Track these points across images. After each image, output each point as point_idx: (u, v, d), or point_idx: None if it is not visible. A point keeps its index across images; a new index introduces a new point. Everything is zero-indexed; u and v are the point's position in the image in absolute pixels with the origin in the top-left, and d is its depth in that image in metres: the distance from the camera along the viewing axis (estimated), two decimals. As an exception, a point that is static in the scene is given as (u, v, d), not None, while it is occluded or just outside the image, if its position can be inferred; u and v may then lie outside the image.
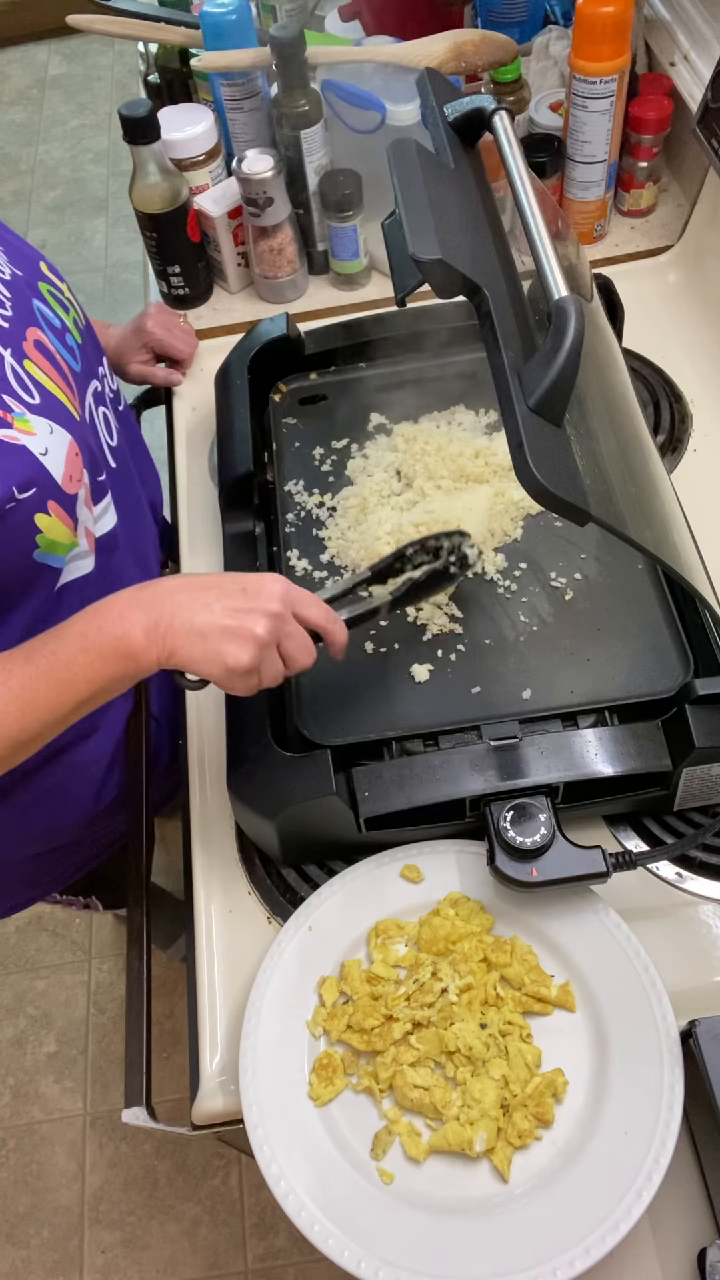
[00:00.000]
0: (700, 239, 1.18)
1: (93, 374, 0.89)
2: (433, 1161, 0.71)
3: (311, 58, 1.15)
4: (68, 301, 0.86)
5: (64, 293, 0.87)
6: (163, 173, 1.16)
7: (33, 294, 0.81)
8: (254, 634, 0.68)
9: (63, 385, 0.78)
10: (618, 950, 0.75)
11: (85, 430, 0.82)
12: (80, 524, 0.79)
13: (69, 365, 0.82)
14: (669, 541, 0.73)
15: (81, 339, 0.88)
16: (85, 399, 0.86)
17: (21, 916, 1.90)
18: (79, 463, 0.77)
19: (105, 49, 3.68)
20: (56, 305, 0.84)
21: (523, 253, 0.72)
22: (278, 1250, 1.55)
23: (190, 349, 1.21)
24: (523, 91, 1.24)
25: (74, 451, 0.76)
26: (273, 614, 0.69)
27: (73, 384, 0.81)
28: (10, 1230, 1.61)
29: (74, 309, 0.88)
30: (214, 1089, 0.77)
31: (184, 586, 0.70)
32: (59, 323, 0.83)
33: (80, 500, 0.78)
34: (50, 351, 0.79)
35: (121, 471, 0.94)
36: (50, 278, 0.86)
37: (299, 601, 0.72)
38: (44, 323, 0.80)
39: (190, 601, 0.68)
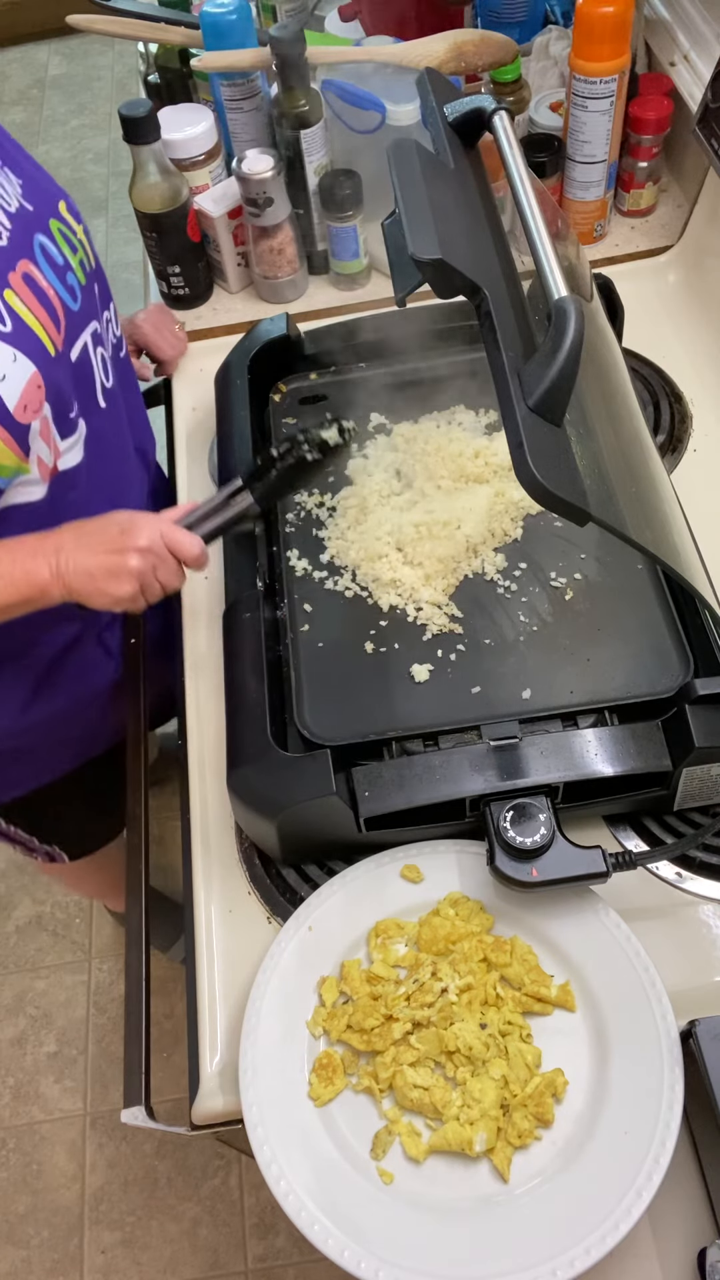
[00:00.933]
0: (700, 239, 1.18)
1: (94, 315, 0.92)
2: (433, 1161, 0.71)
3: (311, 58, 1.15)
4: (78, 243, 0.89)
5: (76, 234, 0.89)
6: (163, 173, 1.16)
7: (39, 229, 0.84)
8: (129, 568, 0.81)
9: (45, 320, 0.82)
10: (618, 950, 0.75)
11: (61, 365, 0.85)
12: (33, 453, 0.83)
13: (63, 302, 0.85)
14: (669, 541, 0.73)
15: (86, 280, 0.90)
16: (79, 338, 0.89)
17: (22, 916, 1.90)
18: (39, 395, 0.81)
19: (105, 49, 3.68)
20: (64, 244, 0.87)
21: (523, 253, 0.72)
22: (278, 1250, 1.55)
23: (176, 353, 1.21)
24: (523, 91, 1.24)
25: (35, 384, 0.80)
26: (143, 550, 0.82)
27: (61, 320, 0.85)
28: (10, 1230, 1.61)
29: (83, 250, 0.90)
30: (214, 1089, 0.77)
31: (76, 532, 0.83)
32: (62, 260, 0.86)
33: (34, 431, 0.82)
34: (40, 286, 0.82)
35: (111, 413, 0.96)
36: (66, 218, 0.88)
37: (167, 535, 0.84)
38: (43, 258, 0.84)
39: (79, 545, 0.82)
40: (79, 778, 1.17)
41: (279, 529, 0.98)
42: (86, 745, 1.16)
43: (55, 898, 1.92)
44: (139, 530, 0.82)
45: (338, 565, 0.95)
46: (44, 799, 1.17)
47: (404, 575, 0.92)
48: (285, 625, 0.91)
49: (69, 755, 1.15)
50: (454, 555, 0.92)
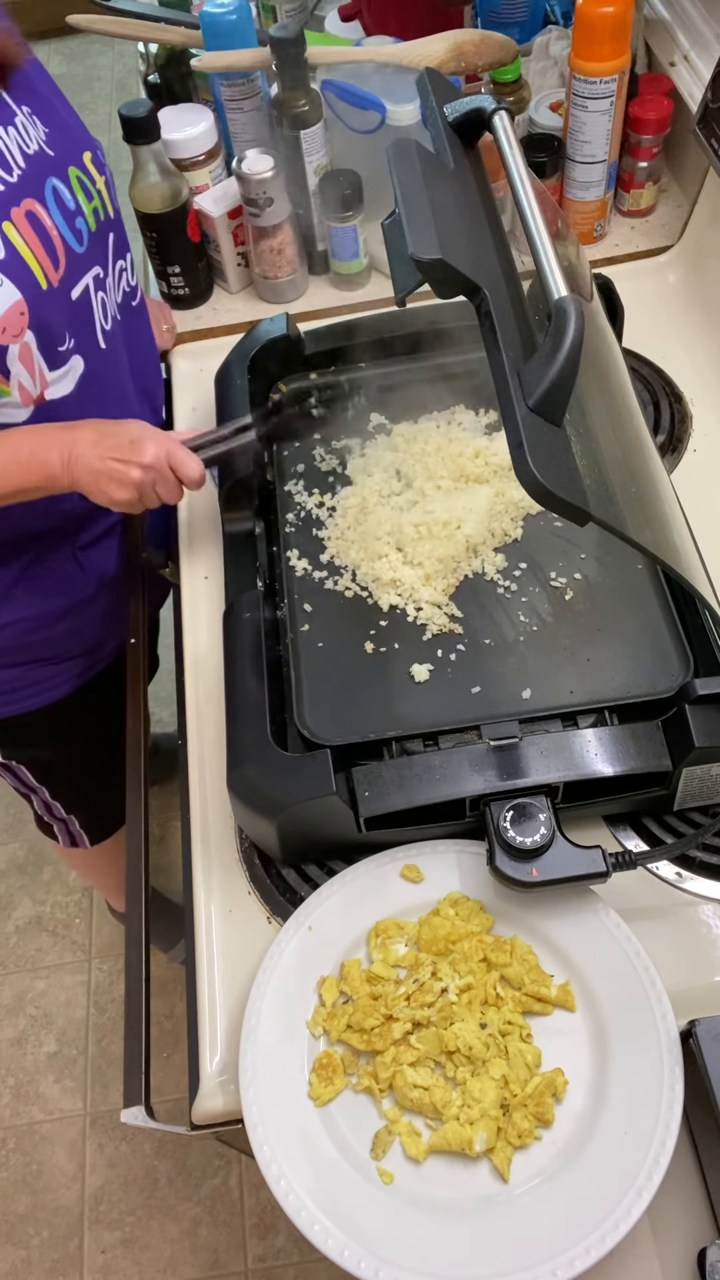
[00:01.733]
0: (700, 239, 1.18)
1: (99, 261, 0.96)
2: (433, 1161, 0.71)
3: (311, 58, 1.15)
4: (95, 193, 0.94)
5: (96, 184, 0.94)
6: (163, 173, 1.16)
7: (55, 173, 0.89)
8: (130, 478, 0.89)
9: (41, 255, 0.87)
10: (618, 950, 0.75)
11: (55, 299, 0.89)
12: (13, 376, 0.88)
13: (66, 243, 0.90)
14: (669, 541, 0.73)
15: (97, 229, 0.94)
16: (81, 279, 0.93)
17: (22, 916, 1.90)
18: (21, 321, 0.86)
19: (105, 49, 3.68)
20: (80, 191, 0.92)
21: (523, 253, 0.72)
22: (278, 1250, 1.55)
23: (163, 344, 1.24)
24: (523, 91, 1.24)
25: (18, 310, 0.85)
26: (146, 465, 0.90)
27: (61, 259, 0.89)
28: (10, 1230, 1.61)
29: (99, 200, 0.94)
30: (214, 1089, 0.77)
31: (93, 433, 0.90)
32: (74, 206, 0.91)
33: (13, 355, 0.87)
34: (43, 224, 0.87)
35: (110, 356, 1.00)
36: (89, 168, 0.93)
37: (173, 454, 0.91)
38: (53, 200, 0.89)
39: (91, 447, 0.89)
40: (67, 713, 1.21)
41: (279, 529, 0.98)
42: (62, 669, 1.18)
43: (55, 898, 1.92)
44: (147, 445, 0.89)
45: (338, 565, 0.95)
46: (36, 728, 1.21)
47: (404, 575, 0.92)
48: (285, 625, 0.91)
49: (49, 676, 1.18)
50: (454, 555, 0.92)
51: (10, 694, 1.17)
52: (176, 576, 1.06)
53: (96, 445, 0.90)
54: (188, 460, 0.92)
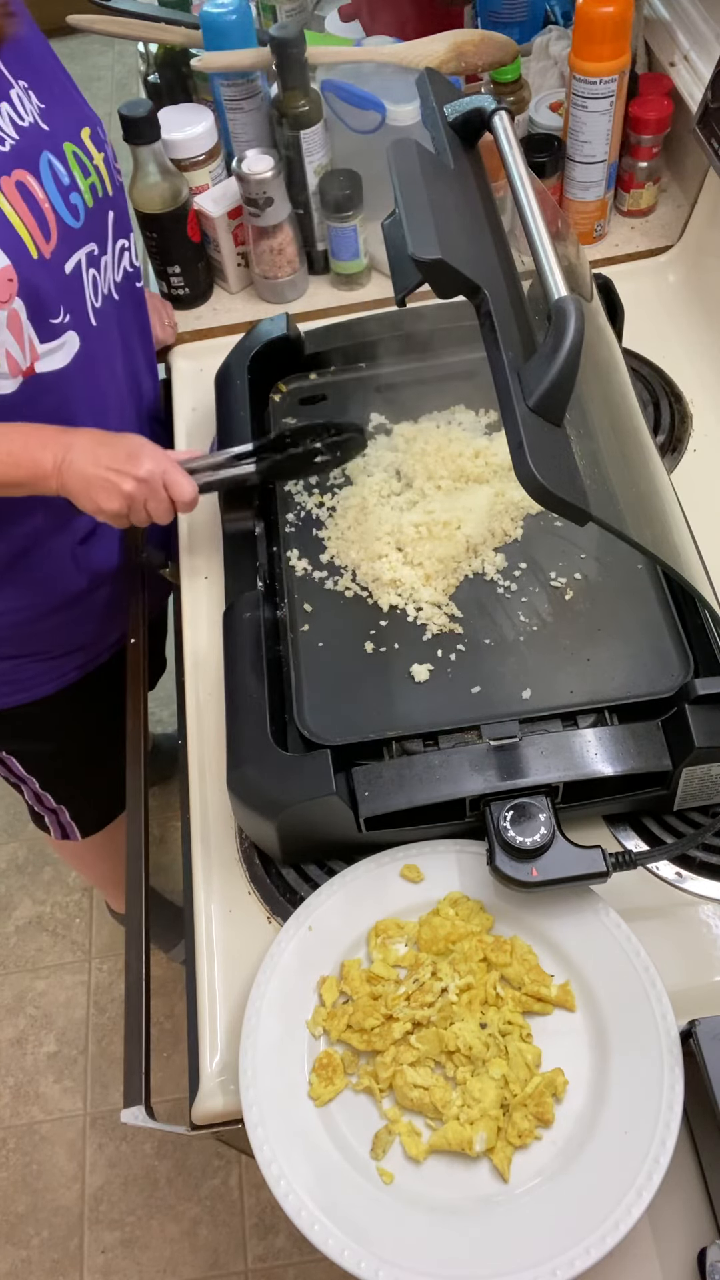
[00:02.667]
0: (700, 239, 1.18)
1: (95, 238, 0.95)
2: (433, 1161, 0.71)
3: (311, 58, 1.15)
4: (92, 169, 0.93)
5: (93, 160, 0.93)
6: (163, 173, 1.16)
7: (50, 147, 0.89)
8: (121, 490, 0.88)
9: (31, 224, 0.86)
10: (618, 950, 0.75)
11: (46, 270, 0.88)
12: (1, 345, 0.87)
13: (59, 216, 0.89)
14: (669, 541, 0.73)
15: (94, 204, 0.94)
16: (74, 254, 0.92)
17: (21, 916, 1.90)
18: (10, 288, 0.85)
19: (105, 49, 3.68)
20: (76, 166, 0.91)
21: (523, 253, 0.72)
22: (278, 1250, 1.55)
23: (164, 336, 1.24)
24: (523, 91, 1.24)
25: (6, 276, 0.84)
26: (140, 479, 0.89)
27: (53, 231, 0.89)
28: (10, 1230, 1.61)
29: (96, 176, 0.94)
30: (214, 1089, 0.77)
31: (91, 440, 0.90)
32: (69, 180, 0.90)
33: (2, 322, 0.86)
34: (34, 196, 0.87)
35: (101, 334, 0.99)
36: (86, 144, 0.93)
37: (169, 474, 0.90)
38: (47, 173, 0.88)
39: (87, 453, 0.89)
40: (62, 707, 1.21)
41: (279, 529, 0.98)
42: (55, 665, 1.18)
43: (55, 898, 1.92)
44: (143, 460, 0.89)
45: (338, 565, 0.95)
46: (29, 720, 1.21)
47: (404, 575, 0.92)
48: (285, 625, 0.91)
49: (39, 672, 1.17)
50: (454, 555, 0.92)
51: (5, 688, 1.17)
52: (176, 576, 1.06)
53: (92, 451, 0.89)
54: (182, 481, 0.91)
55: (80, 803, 1.39)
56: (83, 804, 1.40)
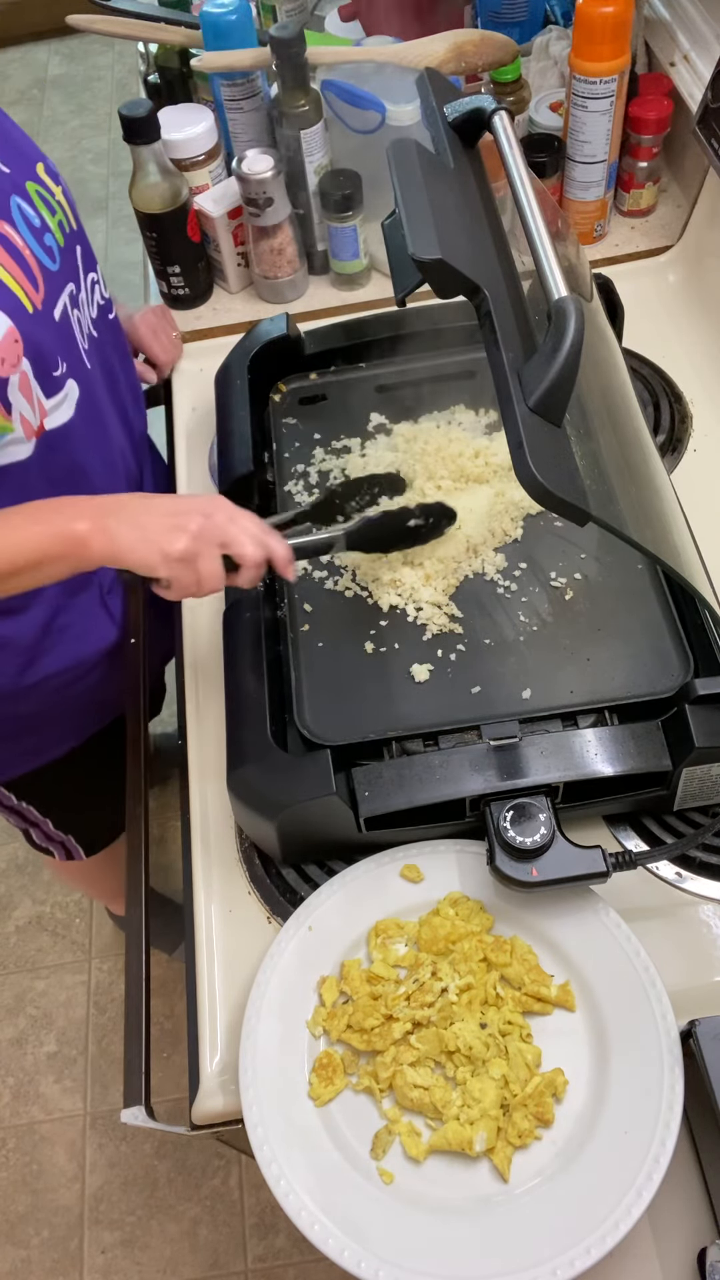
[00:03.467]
0: (700, 239, 1.18)
1: (72, 277, 0.91)
2: (433, 1161, 0.71)
3: (311, 58, 1.15)
4: (56, 205, 0.89)
5: (55, 196, 0.89)
6: (163, 173, 1.16)
7: (14, 191, 0.84)
8: (188, 528, 0.76)
9: (20, 277, 0.82)
10: (618, 950, 0.75)
11: (41, 322, 0.85)
12: (15, 409, 0.82)
13: (40, 262, 0.85)
14: (669, 541, 0.73)
15: (65, 242, 0.90)
16: (59, 298, 0.88)
17: (22, 916, 1.90)
18: (16, 349, 0.80)
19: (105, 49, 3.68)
20: (42, 206, 0.87)
21: (523, 253, 0.72)
22: (278, 1250, 1.55)
23: (170, 358, 1.21)
24: (523, 91, 1.24)
25: (12, 338, 0.79)
26: (209, 514, 0.77)
27: (39, 279, 0.84)
28: (10, 1230, 1.61)
29: (62, 212, 0.90)
30: (214, 1089, 0.77)
31: (136, 496, 0.80)
32: (39, 222, 0.86)
33: (13, 385, 0.81)
34: (15, 245, 0.82)
35: (96, 374, 0.96)
36: (44, 180, 0.88)
37: (241, 514, 0.80)
38: (19, 218, 0.84)
39: (139, 506, 0.78)
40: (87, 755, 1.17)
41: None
42: (91, 716, 1.15)
43: (55, 898, 1.92)
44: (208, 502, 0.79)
45: (338, 565, 0.95)
46: (54, 776, 1.17)
47: (404, 575, 0.92)
48: (285, 625, 0.91)
49: (74, 727, 1.15)
50: (454, 555, 0.92)
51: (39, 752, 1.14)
52: None
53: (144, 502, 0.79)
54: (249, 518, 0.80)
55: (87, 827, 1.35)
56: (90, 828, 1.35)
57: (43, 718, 1.10)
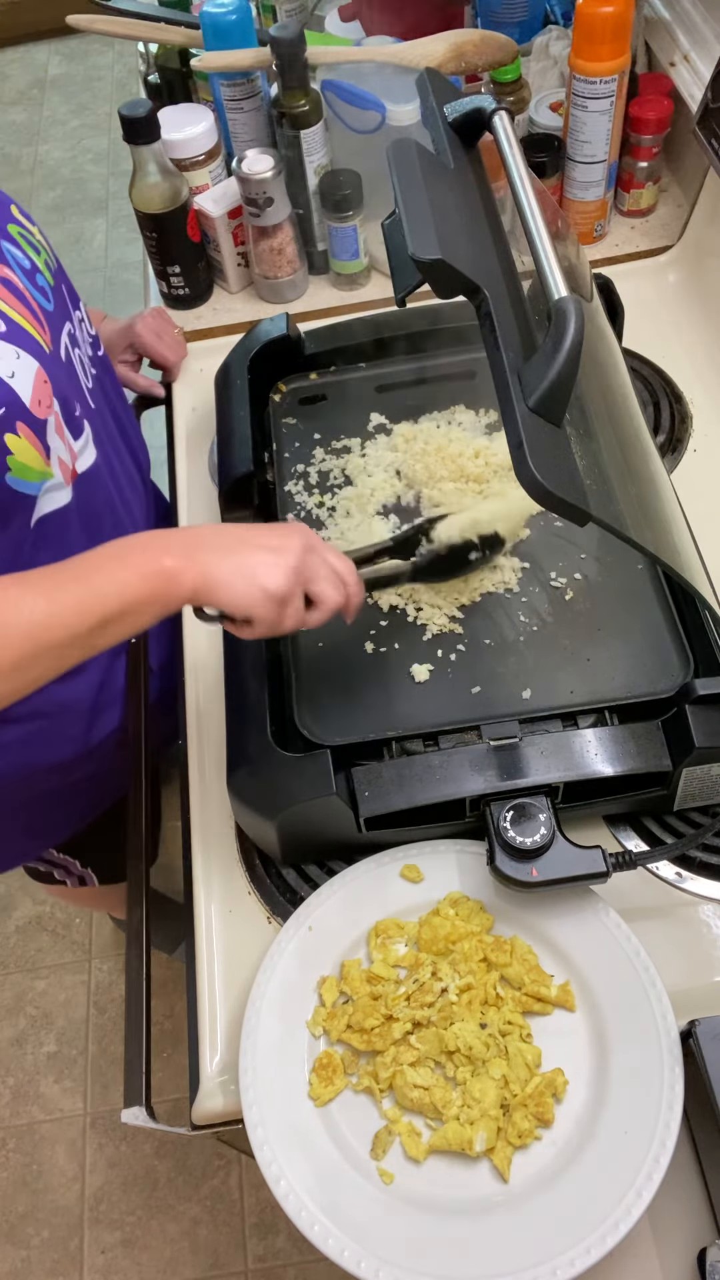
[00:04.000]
0: (700, 239, 1.18)
1: (66, 315, 0.90)
2: (433, 1161, 0.71)
3: (311, 58, 1.15)
4: (38, 244, 0.87)
5: (35, 235, 0.87)
6: (163, 173, 1.16)
7: (1, 236, 0.82)
8: (289, 563, 0.71)
9: (31, 319, 0.79)
10: (618, 950, 0.75)
11: (56, 363, 0.83)
12: (53, 453, 0.80)
13: (39, 304, 0.83)
14: (669, 541, 0.73)
15: (54, 280, 0.88)
16: (60, 338, 0.86)
17: (22, 916, 1.90)
18: (48, 390, 0.78)
19: (105, 49, 3.68)
20: (27, 246, 0.85)
21: (523, 253, 0.72)
22: (278, 1250, 1.55)
23: (177, 357, 1.20)
24: (523, 91, 1.24)
25: (42, 379, 0.77)
26: (305, 548, 0.72)
27: (44, 321, 0.82)
28: (10, 1230, 1.61)
29: (45, 251, 0.88)
30: (214, 1089, 0.77)
31: (221, 527, 0.74)
32: (29, 263, 0.84)
33: (50, 427, 0.79)
34: (19, 289, 0.80)
35: (100, 412, 0.95)
36: (21, 220, 0.86)
37: (326, 548, 0.75)
38: (13, 263, 0.82)
39: (227, 537, 0.72)
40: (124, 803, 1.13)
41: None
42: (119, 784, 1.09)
43: (55, 898, 1.92)
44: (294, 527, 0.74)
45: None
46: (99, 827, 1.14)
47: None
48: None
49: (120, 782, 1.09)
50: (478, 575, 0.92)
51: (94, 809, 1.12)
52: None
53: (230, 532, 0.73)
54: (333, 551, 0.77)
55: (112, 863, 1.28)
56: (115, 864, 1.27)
57: (99, 776, 1.06)
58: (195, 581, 0.69)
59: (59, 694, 0.94)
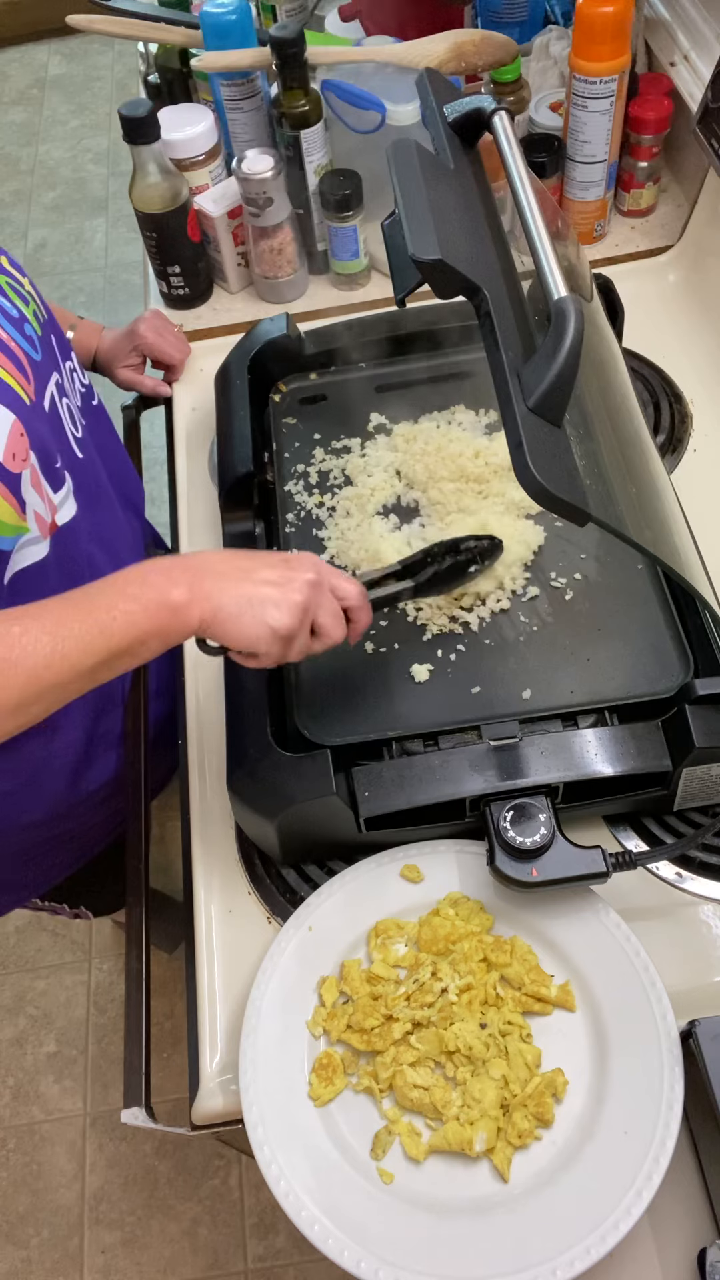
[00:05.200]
0: (700, 239, 1.18)
1: (55, 366, 0.89)
2: (433, 1161, 0.71)
3: (311, 58, 1.15)
4: (28, 295, 0.87)
5: (24, 286, 0.87)
6: (163, 173, 1.16)
7: None
8: (295, 600, 0.70)
9: (13, 370, 0.78)
10: (618, 950, 0.75)
11: (37, 415, 0.81)
12: (29, 507, 0.78)
13: (26, 354, 0.82)
14: (669, 542, 0.73)
15: (42, 331, 0.87)
16: (46, 388, 0.85)
17: (22, 916, 1.90)
18: (23, 443, 0.76)
19: (105, 49, 3.68)
20: (15, 297, 0.84)
21: (523, 253, 0.72)
22: (278, 1250, 1.55)
23: (182, 355, 1.21)
24: (523, 91, 1.24)
25: (18, 431, 0.75)
26: (310, 582, 0.72)
27: (28, 371, 0.81)
28: (10, 1230, 1.61)
29: (34, 302, 0.88)
30: (214, 1089, 0.77)
31: (227, 555, 0.73)
32: (16, 313, 0.83)
33: (25, 481, 0.77)
34: (3, 339, 0.79)
35: (88, 464, 0.93)
36: (11, 271, 0.86)
37: (334, 575, 0.75)
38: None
39: (233, 569, 0.71)
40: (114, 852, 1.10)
41: (279, 529, 0.98)
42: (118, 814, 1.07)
43: (55, 898, 1.92)
44: (306, 564, 0.73)
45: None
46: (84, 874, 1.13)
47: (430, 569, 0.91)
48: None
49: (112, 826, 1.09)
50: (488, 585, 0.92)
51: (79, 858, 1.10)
52: None
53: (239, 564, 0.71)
54: (344, 583, 0.76)
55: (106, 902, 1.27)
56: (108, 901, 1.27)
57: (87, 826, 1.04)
58: (202, 616, 0.69)
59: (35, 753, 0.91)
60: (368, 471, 1.00)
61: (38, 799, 0.95)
